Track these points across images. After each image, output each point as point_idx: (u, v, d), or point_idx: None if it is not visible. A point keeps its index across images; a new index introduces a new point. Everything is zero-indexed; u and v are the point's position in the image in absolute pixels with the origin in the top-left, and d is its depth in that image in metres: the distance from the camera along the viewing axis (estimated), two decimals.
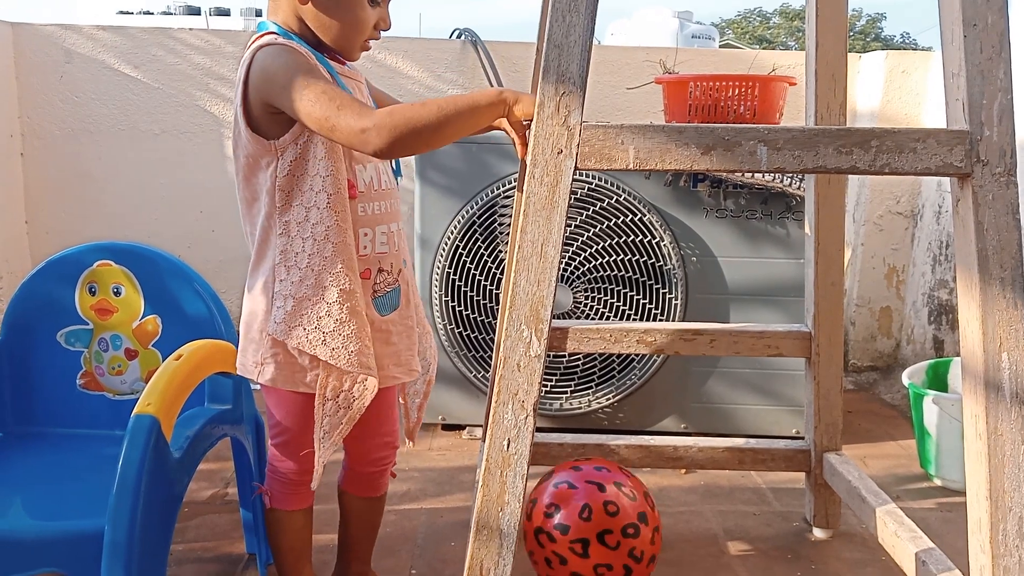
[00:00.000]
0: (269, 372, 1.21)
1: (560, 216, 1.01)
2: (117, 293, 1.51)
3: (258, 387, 1.30)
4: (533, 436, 1.04)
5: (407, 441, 1.45)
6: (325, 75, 1.13)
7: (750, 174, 2.00)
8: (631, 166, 1.00)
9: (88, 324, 1.53)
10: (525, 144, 1.18)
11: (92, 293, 1.51)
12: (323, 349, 1.17)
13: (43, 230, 2.61)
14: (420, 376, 1.41)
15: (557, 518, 1.38)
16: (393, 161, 1.31)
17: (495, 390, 1.03)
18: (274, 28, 1.18)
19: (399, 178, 1.33)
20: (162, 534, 1.23)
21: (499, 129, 1.20)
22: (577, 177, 1.63)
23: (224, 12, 25.06)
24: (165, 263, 1.51)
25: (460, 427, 2.23)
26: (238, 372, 1.27)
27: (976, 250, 0.99)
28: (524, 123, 1.14)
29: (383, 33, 1.23)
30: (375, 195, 1.24)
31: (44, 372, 1.53)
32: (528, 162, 1.01)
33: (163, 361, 1.42)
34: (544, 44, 0.98)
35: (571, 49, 0.96)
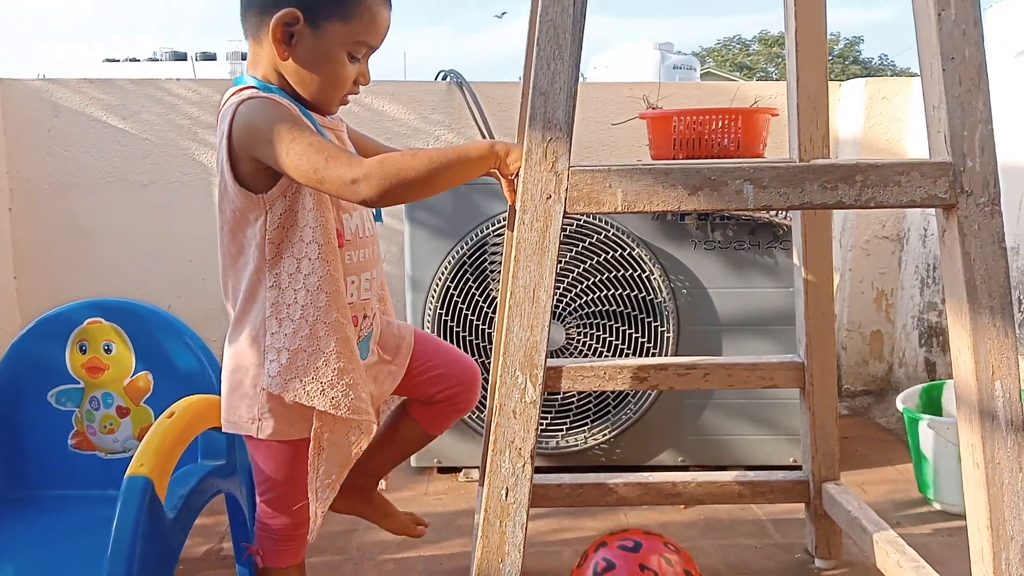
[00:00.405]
0: (269, 427, 1.20)
1: (551, 261, 1.01)
2: (108, 350, 1.50)
3: None
4: (532, 483, 1.03)
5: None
6: (309, 126, 1.13)
7: None
8: (619, 209, 1.00)
9: (79, 383, 1.52)
10: (513, 190, 1.19)
11: (83, 351, 1.51)
12: (322, 400, 1.16)
13: (32, 285, 2.60)
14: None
15: None
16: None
17: (491, 438, 1.02)
18: (252, 82, 1.18)
19: (379, 223, 1.33)
20: None
21: (487, 175, 1.21)
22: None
23: (210, 57, 25.24)
24: (156, 318, 1.51)
25: (456, 469, 2.21)
26: (227, 430, 1.25)
27: (964, 280, 1.00)
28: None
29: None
30: (360, 243, 1.25)
31: (35, 433, 1.52)
32: (518, 208, 1.02)
33: (155, 418, 1.42)
34: (530, 91, 0.99)
35: (556, 96, 0.97)
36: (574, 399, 2.12)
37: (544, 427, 2.12)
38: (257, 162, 1.12)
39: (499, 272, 1.98)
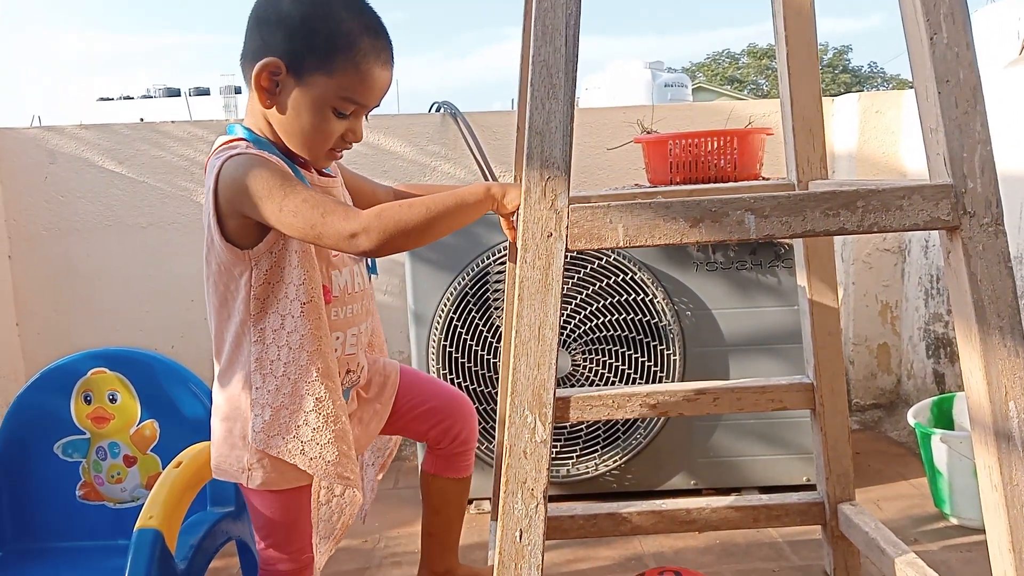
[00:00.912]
0: (258, 477, 1.18)
1: (555, 298, 1.01)
2: (113, 400, 1.50)
3: None
4: (546, 523, 1.02)
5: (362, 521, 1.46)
6: (300, 182, 1.11)
7: None
8: (621, 244, 1.00)
9: (85, 434, 1.51)
10: (513, 228, 1.18)
11: (87, 402, 1.50)
12: (302, 459, 1.15)
13: (35, 332, 2.59)
14: (376, 457, 1.44)
15: None
16: (369, 260, 1.31)
17: (503, 479, 1.01)
18: (243, 133, 1.16)
19: (375, 276, 1.32)
20: None
21: None
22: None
23: (204, 92, 25.36)
24: (160, 366, 1.50)
25: (468, 501, 2.19)
26: (217, 477, 1.23)
27: (972, 301, 0.99)
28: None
29: None
30: (348, 299, 1.23)
31: (42, 485, 1.51)
32: (519, 247, 1.01)
33: (163, 466, 1.41)
34: (526, 130, 0.99)
35: (552, 135, 0.97)
36: (583, 427, 2.10)
37: (555, 455, 2.11)
38: (245, 218, 1.10)
39: (502, 302, 1.98)
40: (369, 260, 1.30)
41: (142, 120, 2.66)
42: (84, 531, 1.51)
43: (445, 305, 2.07)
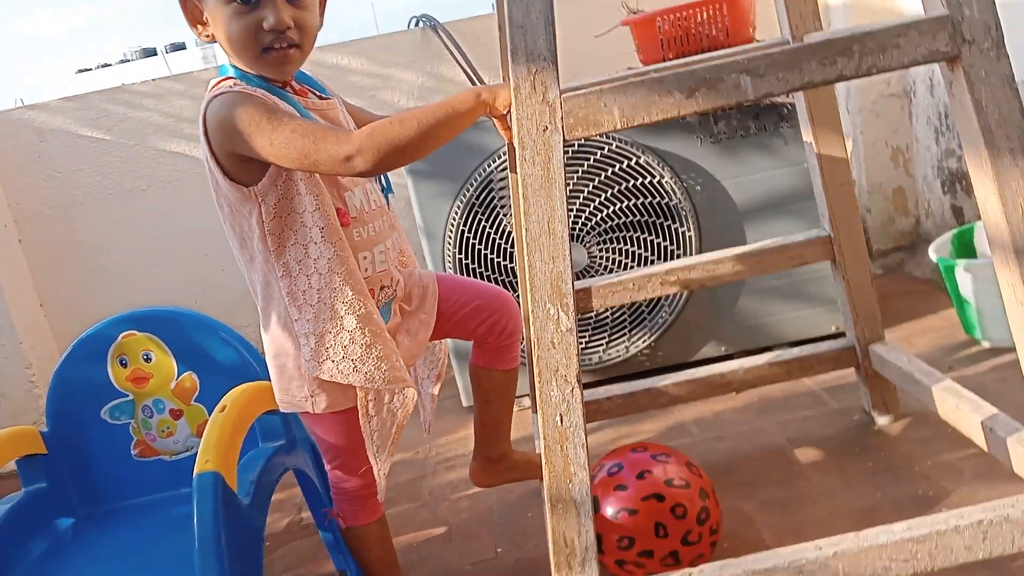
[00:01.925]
0: (323, 401, 1.23)
1: (560, 191, 1.01)
2: (148, 360, 1.53)
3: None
4: (583, 404, 1.05)
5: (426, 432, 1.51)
6: (288, 111, 1.11)
7: None
8: (619, 126, 0.99)
9: (128, 395, 1.55)
10: (508, 128, 1.17)
11: (124, 365, 1.53)
12: (356, 376, 1.19)
13: (59, 309, 2.63)
14: (429, 370, 1.47)
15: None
16: (382, 179, 1.31)
17: (536, 370, 1.04)
18: (232, 71, 1.16)
19: (391, 195, 1.32)
20: None
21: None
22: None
23: (180, 47, 24.87)
24: (186, 320, 1.52)
25: None
26: (285, 409, 1.28)
27: (979, 127, 0.98)
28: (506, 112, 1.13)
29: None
30: (367, 217, 1.24)
31: (98, 451, 1.56)
32: (516, 145, 1.01)
33: (208, 414, 1.45)
34: (506, 26, 0.97)
35: (534, 26, 0.95)
36: (608, 313, 2.13)
37: (584, 344, 2.14)
38: (240, 156, 1.10)
39: (510, 207, 1.97)
40: (382, 179, 1.31)
41: (123, 85, 2.62)
42: (146, 487, 1.56)
43: (454, 218, 2.07)
